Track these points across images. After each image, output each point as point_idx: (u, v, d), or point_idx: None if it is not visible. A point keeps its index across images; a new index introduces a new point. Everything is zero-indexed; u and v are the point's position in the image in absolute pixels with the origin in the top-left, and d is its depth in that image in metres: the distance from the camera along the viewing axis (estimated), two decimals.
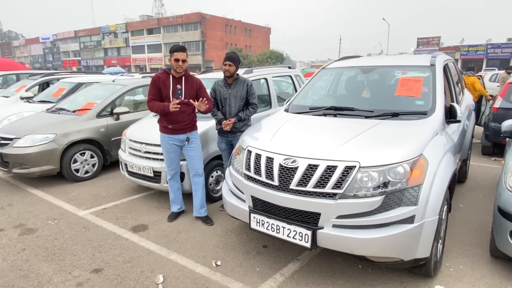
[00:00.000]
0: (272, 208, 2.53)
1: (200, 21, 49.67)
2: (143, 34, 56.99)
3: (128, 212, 4.00)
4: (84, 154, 5.17)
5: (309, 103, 3.78)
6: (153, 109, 3.46)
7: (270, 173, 2.53)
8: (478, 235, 3.30)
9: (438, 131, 2.73)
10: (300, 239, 2.37)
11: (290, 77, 5.91)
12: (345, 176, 2.27)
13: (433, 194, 2.28)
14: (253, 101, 3.80)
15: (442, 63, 3.56)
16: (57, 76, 9.19)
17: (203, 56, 50.33)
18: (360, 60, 4.16)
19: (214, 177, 4.22)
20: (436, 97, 3.03)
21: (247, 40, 57.53)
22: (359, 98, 3.61)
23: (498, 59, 38.49)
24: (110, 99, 5.58)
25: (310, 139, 2.70)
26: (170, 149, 3.57)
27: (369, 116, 2.98)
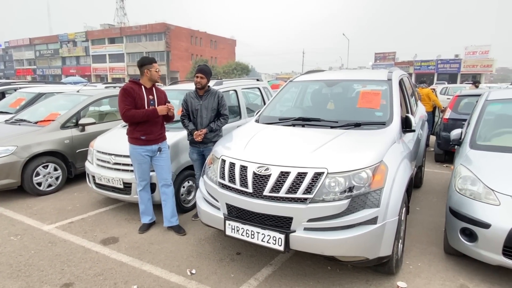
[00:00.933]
0: (247, 214, 2.64)
1: (165, 31, 49.24)
2: (104, 43, 55.40)
3: (96, 225, 3.91)
4: (47, 167, 4.98)
5: (278, 114, 3.96)
6: (136, 118, 3.36)
7: (244, 181, 2.64)
8: (433, 234, 3.60)
9: (396, 139, 3.00)
10: (274, 243, 2.49)
11: (259, 89, 6.11)
12: (315, 182, 2.44)
13: (393, 197, 2.50)
14: (224, 112, 3.92)
15: (398, 77, 3.90)
16: (14, 86, 8.75)
17: (168, 66, 49.75)
18: (324, 74, 4.43)
19: (186, 187, 4.25)
20: (393, 109, 3.32)
21: (212, 51, 57.78)
22: (325, 109, 3.85)
23: (447, 74, 41.70)
24: (75, 110, 5.44)
25: (282, 148, 2.86)
26: (142, 160, 3.57)
27: (334, 126, 3.20)
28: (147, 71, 3.47)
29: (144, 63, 3.48)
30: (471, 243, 2.70)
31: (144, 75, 3.49)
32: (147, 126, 3.48)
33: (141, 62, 3.50)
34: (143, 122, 3.46)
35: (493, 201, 2.65)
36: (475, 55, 40.74)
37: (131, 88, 3.44)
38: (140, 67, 3.50)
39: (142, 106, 3.43)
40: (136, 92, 3.44)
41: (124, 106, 3.36)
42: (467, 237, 2.74)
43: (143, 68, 3.48)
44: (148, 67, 3.46)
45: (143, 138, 3.50)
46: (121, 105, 3.39)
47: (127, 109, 3.36)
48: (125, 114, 3.36)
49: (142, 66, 3.48)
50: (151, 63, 3.48)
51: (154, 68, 3.49)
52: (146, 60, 3.49)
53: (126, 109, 3.36)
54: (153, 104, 3.50)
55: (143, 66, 3.48)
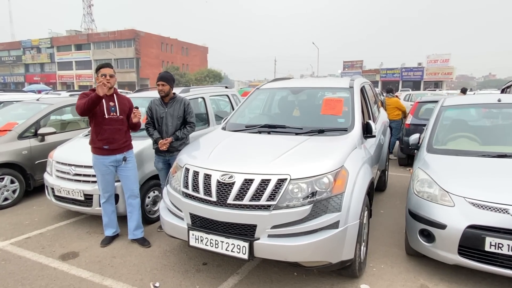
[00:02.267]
0: (211, 223, 2.60)
1: (134, 38, 48.35)
2: (70, 50, 53.55)
3: (55, 240, 3.72)
4: (2, 180, 4.69)
5: (245, 121, 3.97)
6: (81, 106, 3.12)
7: (208, 190, 2.61)
8: (396, 236, 3.72)
9: (357, 145, 3.08)
10: (238, 251, 2.47)
11: (228, 96, 6.10)
12: (278, 188, 2.45)
13: (353, 201, 2.56)
14: (191, 120, 3.87)
15: (360, 85, 4.03)
16: None
17: (137, 73, 48.77)
18: (290, 82, 4.51)
19: (151, 198, 4.14)
20: (355, 115, 3.42)
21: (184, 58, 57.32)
22: (290, 116, 3.90)
23: (411, 81, 43.67)
24: (34, 119, 5.19)
25: (246, 155, 2.86)
26: (106, 171, 3.44)
27: (299, 133, 3.25)
28: (96, 78, 3.33)
29: (96, 70, 3.37)
30: (429, 243, 2.80)
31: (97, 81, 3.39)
32: (109, 134, 3.37)
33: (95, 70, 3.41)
34: (104, 130, 3.35)
35: (448, 202, 2.77)
36: (436, 63, 43.00)
37: (89, 93, 3.29)
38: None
39: (101, 112, 3.32)
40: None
41: (78, 102, 3.19)
42: (426, 238, 2.85)
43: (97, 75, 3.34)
44: (97, 73, 3.32)
45: (106, 148, 3.38)
46: (77, 102, 3.21)
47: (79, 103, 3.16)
48: (76, 107, 3.18)
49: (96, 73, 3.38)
50: (99, 69, 3.32)
51: (100, 74, 3.27)
52: (97, 68, 3.36)
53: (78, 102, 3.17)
54: (114, 110, 3.39)
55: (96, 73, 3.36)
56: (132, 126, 3.58)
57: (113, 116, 3.39)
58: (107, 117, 3.35)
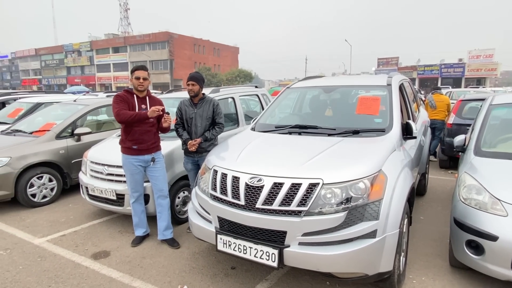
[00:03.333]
0: (239, 228, 2.50)
1: (168, 40, 49.62)
2: (108, 53, 55.92)
3: (88, 238, 3.80)
4: (41, 178, 4.89)
5: (275, 121, 3.85)
6: (125, 116, 3.24)
7: (236, 193, 2.52)
8: (438, 246, 3.44)
9: (396, 147, 2.86)
10: (267, 258, 2.35)
11: (257, 96, 6.00)
12: (310, 194, 2.31)
13: (393, 208, 2.36)
14: (220, 121, 3.80)
15: (398, 82, 3.77)
16: (13, 96, 8.75)
17: (171, 74, 50.03)
18: (322, 80, 4.32)
19: (181, 198, 4.13)
20: (393, 115, 3.19)
21: (215, 59, 58.06)
22: (322, 116, 3.72)
23: (451, 78, 41.38)
24: (71, 120, 5.37)
25: (276, 158, 2.74)
26: (135, 170, 3.47)
27: (331, 134, 3.08)
28: (130, 80, 3.41)
29: (130, 72, 3.43)
30: (478, 256, 2.54)
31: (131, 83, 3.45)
32: (138, 135, 3.39)
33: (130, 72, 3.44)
34: (134, 131, 3.38)
35: (500, 211, 2.49)
36: (479, 59, 40.48)
37: (124, 96, 3.39)
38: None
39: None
40: (129, 101, 3.37)
41: (118, 107, 3.30)
42: (473, 250, 2.59)
43: (131, 77, 3.42)
44: (131, 75, 3.40)
45: (135, 148, 3.41)
46: (114, 107, 3.31)
47: (120, 108, 3.28)
48: (118, 113, 3.26)
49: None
50: (133, 71, 3.39)
51: (134, 76, 3.36)
52: (131, 70, 3.43)
53: (119, 108, 3.28)
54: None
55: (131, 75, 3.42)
56: (161, 129, 3.59)
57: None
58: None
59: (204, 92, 3.87)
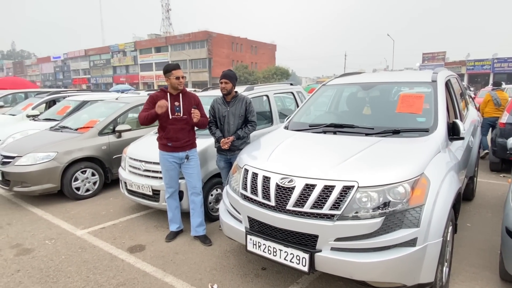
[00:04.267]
0: (269, 229, 2.45)
1: (207, 39, 50.58)
2: (151, 52, 58.15)
3: (126, 232, 3.93)
4: (85, 172, 5.15)
5: (309, 120, 3.73)
6: (141, 119, 3.42)
7: (266, 193, 2.46)
8: (487, 256, 3.15)
9: (441, 148, 2.65)
10: (297, 262, 2.28)
11: (292, 94, 5.89)
12: (343, 197, 2.19)
13: (436, 215, 2.18)
14: (252, 119, 3.77)
15: (444, 78, 3.50)
16: (63, 94, 9.33)
17: (209, 73, 51.00)
18: (361, 77, 4.12)
19: (214, 196, 4.15)
20: (438, 114, 2.96)
21: (253, 57, 58.30)
22: (360, 115, 3.56)
23: (505, 73, 38.25)
24: (112, 117, 5.60)
25: (308, 158, 2.64)
26: (169, 166, 3.54)
27: (369, 134, 2.91)
28: (167, 79, 3.46)
29: (164, 72, 3.46)
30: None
31: (168, 83, 3.49)
32: (173, 133, 3.45)
33: (163, 71, 3.47)
34: (169, 129, 3.45)
35: None
36: None
37: (157, 96, 3.47)
38: (164, 75, 3.48)
39: (166, 113, 3.40)
40: (160, 99, 3.41)
41: (142, 109, 3.46)
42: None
43: (165, 77, 3.47)
44: (168, 75, 3.44)
45: (170, 145, 3.48)
46: (141, 113, 3.47)
47: (141, 112, 3.46)
48: (138, 117, 3.48)
49: (164, 75, 3.47)
50: (170, 71, 3.42)
51: (173, 76, 3.41)
52: (165, 69, 3.45)
53: (142, 110, 3.46)
54: (178, 110, 3.46)
55: (164, 74, 3.46)
56: (195, 125, 3.62)
57: (177, 116, 3.46)
58: (171, 117, 3.44)
59: (237, 90, 3.84)
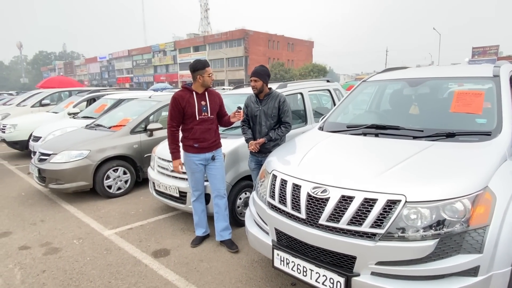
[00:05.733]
0: (299, 245, 2.16)
1: (244, 37, 50.74)
2: (189, 52, 59.46)
3: (152, 234, 3.83)
4: (117, 171, 5.15)
5: (347, 120, 3.39)
6: (169, 139, 3.34)
7: (296, 204, 2.18)
8: None
9: (507, 156, 2.21)
10: (331, 286, 1.98)
11: (329, 91, 5.52)
12: (388, 213, 1.86)
13: (503, 239, 1.78)
14: (286, 120, 3.48)
15: (509, 73, 2.99)
16: (102, 92, 9.59)
17: (246, 71, 51.15)
18: (406, 72, 3.68)
19: (243, 199, 3.93)
20: (503, 114, 2.50)
21: (289, 54, 57.67)
22: (406, 114, 3.14)
23: None
24: (144, 116, 5.57)
25: (346, 164, 2.32)
26: (196, 169, 3.36)
27: (418, 137, 2.52)
28: (199, 76, 3.23)
29: (197, 68, 3.23)
30: None
31: (197, 80, 3.26)
32: (199, 134, 3.27)
33: (194, 67, 3.24)
34: (195, 130, 3.27)
35: None
36: None
37: (181, 97, 3.24)
38: (193, 72, 3.26)
39: (192, 113, 3.22)
40: (187, 100, 3.23)
41: (170, 122, 3.29)
42: None
43: (196, 73, 3.24)
44: (200, 72, 3.22)
45: (196, 146, 3.29)
46: (168, 116, 3.31)
47: (170, 125, 3.29)
48: (168, 130, 3.33)
49: (194, 71, 3.24)
50: (204, 68, 3.22)
51: (207, 73, 3.23)
52: (198, 65, 3.23)
53: (169, 123, 3.30)
54: (205, 110, 3.27)
55: (195, 71, 3.24)
56: (225, 123, 3.44)
57: (204, 116, 3.28)
58: (198, 118, 3.25)
59: (271, 87, 3.57)
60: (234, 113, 3.34)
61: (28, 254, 3.41)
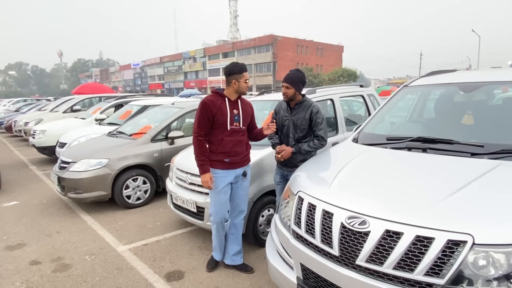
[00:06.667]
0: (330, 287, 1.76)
1: (272, 43, 50.57)
2: (219, 58, 60.11)
3: (167, 252, 3.54)
4: (136, 180, 4.96)
5: (387, 131, 2.94)
6: (196, 150, 2.86)
7: (327, 236, 1.78)
8: None
9: None
10: None
11: (362, 97, 5.05)
12: (449, 257, 1.42)
13: None
14: (319, 133, 3.05)
15: None
16: (129, 99, 9.60)
17: (273, 76, 50.90)
18: (457, 75, 3.17)
19: (266, 217, 3.56)
20: None
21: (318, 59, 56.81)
22: (458, 125, 2.65)
23: None
24: (166, 123, 5.36)
25: (389, 188, 1.89)
26: (223, 188, 2.93)
27: (477, 154, 2.05)
28: (235, 81, 2.83)
29: (233, 72, 2.83)
30: None
31: (231, 85, 2.85)
32: (231, 146, 2.88)
33: (230, 70, 2.84)
34: (226, 142, 2.87)
35: None
36: None
37: (212, 103, 2.82)
38: (228, 75, 2.85)
39: (224, 122, 2.83)
40: (218, 107, 2.82)
41: (198, 130, 2.83)
42: None
43: (231, 77, 2.84)
44: (237, 76, 2.83)
45: (227, 161, 2.90)
46: (195, 123, 2.86)
47: (198, 133, 2.83)
48: (195, 138, 2.85)
49: (230, 75, 2.84)
50: (242, 72, 2.84)
51: (244, 79, 2.84)
52: (236, 68, 2.84)
53: (198, 134, 2.83)
54: (237, 120, 2.88)
55: (231, 75, 2.83)
56: (255, 136, 3.11)
57: (235, 126, 2.88)
58: (230, 128, 2.86)
59: (304, 94, 3.19)
60: (267, 124, 2.97)
61: (38, 270, 3.23)
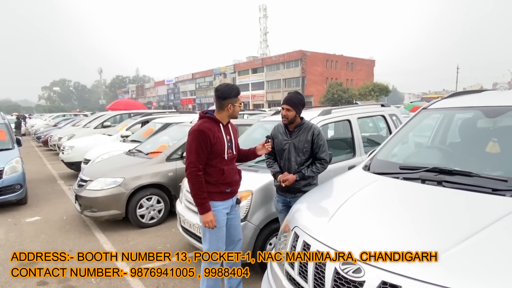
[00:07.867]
0: None
1: (301, 58, 50.65)
2: (248, 74, 61.00)
3: (171, 281, 3.43)
4: (150, 199, 4.96)
5: (401, 158, 2.71)
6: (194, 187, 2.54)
7: (319, 282, 1.60)
8: None
9: None
10: None
11: (383, 117, 4.79)
12: None
13: None
14: (322, 156, 2.91)
15: None
16: (155, 116, 9.81)
17: (302, 91, 50.77)
18: (482, 98, 2.88)
19: (273, 245, 3.38)
20: None
21: (348, 73, 56.06)
22: (481, 154, 2.38)
23: None
24: (181, 142, 5.35)
25: (392, 229, 1.69)
26: (223, 221, 2.71)
27: (499, 190, 1.79)
28: (230, 105, 2.62)
29: (229, 96, 2.60)
30: None
31: (226, 110, 2.62)
32: (232, 176, 2.70)
33: (226, 94, 2.59)
34: (228, 172, 2.67)
35: None
36: None
37: (210, 131, 2.55)
38: (223, 99, 2.60)
39: (222, 151, 2.62)
40: (216, 135, 2.58)
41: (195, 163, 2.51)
42: None
43: (226, 101, 2.60)
44: (233, 101, 2.62)
45: (228, 191, 2.71)
46: (192, 155, 2.52)
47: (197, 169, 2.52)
48: (193, 173, 2.53)
49: (225, 99, 2.60)
50: (237, 96, 2.64)
51: (239, 102, 2.67)
52: (232, 92, 2.61)
53: (196, 168, 2.52)
54: (230, 147, 2.70)
55: (227, 99, 2.60)
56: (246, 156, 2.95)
57: (230, 154, 2.70)
58: (226, 157, 2.67)
59: (303, 117, 3.05)
60: (262, 144, 2.82)
61: None
